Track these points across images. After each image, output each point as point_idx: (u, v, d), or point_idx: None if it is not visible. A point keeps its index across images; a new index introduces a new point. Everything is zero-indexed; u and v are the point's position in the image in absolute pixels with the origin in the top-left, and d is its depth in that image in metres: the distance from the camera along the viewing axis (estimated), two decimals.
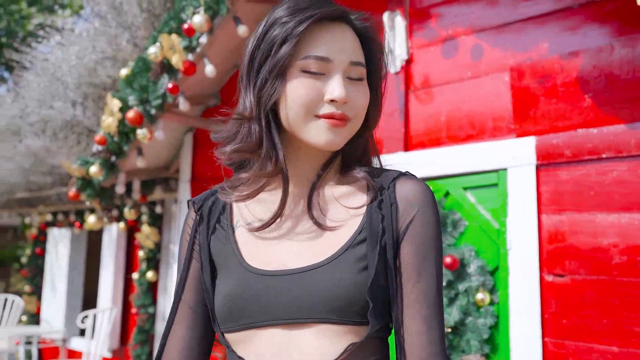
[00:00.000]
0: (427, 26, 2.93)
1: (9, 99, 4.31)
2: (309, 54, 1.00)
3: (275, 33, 1.01)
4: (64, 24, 3.68)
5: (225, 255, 1.08)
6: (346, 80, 1.03)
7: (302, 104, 1.01)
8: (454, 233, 2.66)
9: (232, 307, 1.01)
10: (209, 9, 3.07)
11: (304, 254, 1.04)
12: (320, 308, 0.98)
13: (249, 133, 1.05)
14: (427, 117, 2.87)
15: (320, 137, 1.02)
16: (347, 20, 1.05)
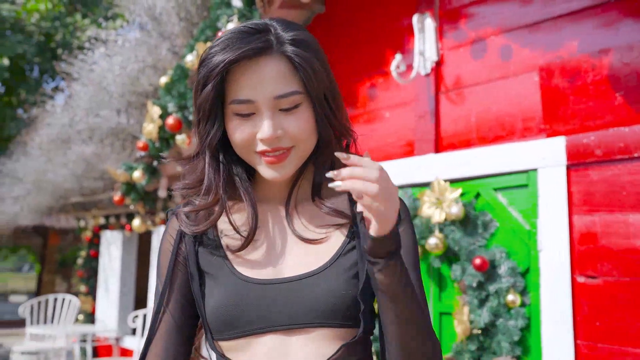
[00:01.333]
0: (457, 27, 2.92)
1: (59, 108, 4.53)
2: (233, 98, 1.05)
3: (201, 75, 1.06)
4: (107, 35, 3.85)
5: (214, 265, 1.11)
6: (279, 113, 1.06)
7: (238, 146, 1.08)
8: (485, 234, 2.65)
9: (227, 315, 1.05)
10: (242, 17, 3.15)
11: (296, 262, 1.10)
12: (316, 314, 1.03)
13: (195, 170, 1.13)
14: (457, 118, 2.87)
15: (265, 173, 1.09)
16: (272, 50, 1.05)
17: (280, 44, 1.04)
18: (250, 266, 1.10)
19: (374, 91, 3.25)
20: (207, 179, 1.11)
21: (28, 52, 7.26)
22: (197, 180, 1.12)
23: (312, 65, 1.06)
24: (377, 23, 3.28)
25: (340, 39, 3.47)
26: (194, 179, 1.13)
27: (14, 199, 6.30)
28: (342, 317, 1.03)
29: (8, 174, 6.48)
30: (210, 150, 1.10)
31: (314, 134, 1.10)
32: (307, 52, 1.06)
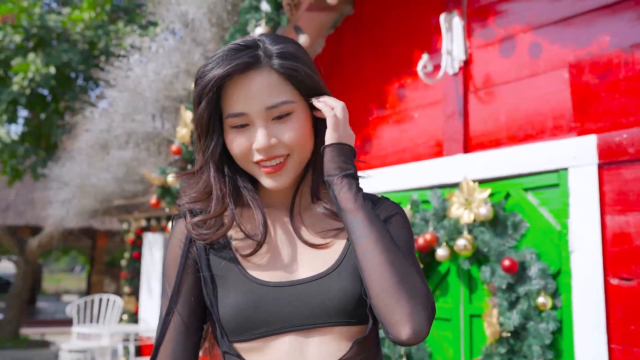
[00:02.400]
0: (485, 25, 2.88)
1: (97, 114, 4.67)
2: (228, 112, 1.11)
3: (196, 92, 1.12)
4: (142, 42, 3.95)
5: (226, 269, 1.14)
6: (272, 122, 1.11)
7: (237, 156, 1.14)
8: (515, 235, 2.60)
9: (244, 317, 1.08)
10: (270, 21, 3.18)
11: (305, 265, 1.14)
12: (331, 312, 1.08)
13: (202, 183, 1.17)
14: (486, 117, 2.82)
15: (265, 183, 1.14)
16: (260, 63, 1.10)
17: (269, 57, 1.10)
18: (261, 269, 1.13)
19: (403, 92, 3.23)
20: (215, 191, 1.16)
21: (73, 60, 7.50)
22: (204, 193, 1.17)
23: (301, 73, 1.12)
24: (406, 23, 3.26)
25: (369, 40, 3.46)
26: (200, 192, 1.17)
27: (61, 202, 6.50)
28: (353, 315, 1.08)
29: (55, 178, 6.70)
30: (214, 163, 1.15)
31: (309, 140, 1.16)
32: (295, 62, 1.11)
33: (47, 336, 12.52)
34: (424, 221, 2.86)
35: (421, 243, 2.78)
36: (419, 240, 2.79)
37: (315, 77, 1.16)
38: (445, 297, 2.88)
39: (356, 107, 3.48)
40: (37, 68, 7.09)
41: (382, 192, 3.16)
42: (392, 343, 2.91)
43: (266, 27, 3.15)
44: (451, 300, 2.84)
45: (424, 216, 2.86)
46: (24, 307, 11.99)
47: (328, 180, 1.10)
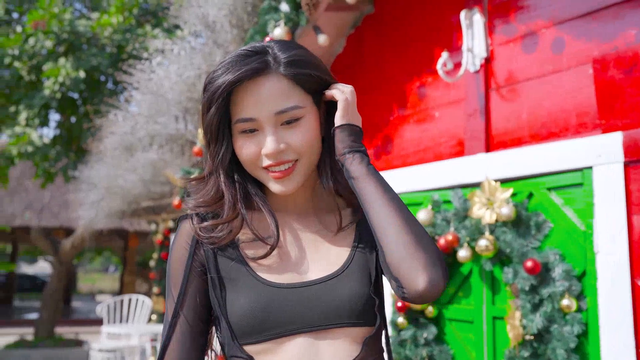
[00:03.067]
0: (507, 22, 2.82)
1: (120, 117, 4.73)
2: (237, 118, 1.12)
3: (205, 98, 1.13)
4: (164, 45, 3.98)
5: (235, 270, 1.14)
6: (281, 127, 1.12)
7: (246, 162, 1.15)
8: (538, 236, 2.54)
9: (256, 319, 1.08)
10: (289, 21, 3.17)
11: (314, 267, 1.16)
12: (342, 313, 1.10)
13: (211, 189, 1.18)
14: (508, 115, 2.76)
15: (273, 188, 1.15)
16: (269, 69, 1.11)
17: (278, 63, 1.11)
18: (271, 271, 1.14)
19: (424, 90, 3.19)
20: (227, 196, 1.17)
21: (102, 64, 7.62)
22: (214, 198, 1.18)
23: (310, 78, 1.14)
24: (426, 21, 3.21)
25: (389, 39, 3.42)
26: (211, 197, 1.18)
27: (90, 204, 6.61)
28: (363, 315, 1.11)
29: (84, 180, 6.82)
30: (224, 169, 1.17)
31: (318, 144, 1.17)
32: (305, 68, 1.13)
33: (81, 335, 12.75)
34: (445, 221, 2.81)
35: (442, 244, 2.73)
36: (440, 241, 2.75)
37: (327, 78, 1.18)
38: (467, 299, 2.83)
39: (377, 107, 3.45)
40: (67, 72, 7.22)
41: (403, 192, 3.13)
42: (413, 345, 2.87)
43: (285, 28, 3.14)
44: (474, 302, 2.79)
45: (445, 216, 2.82)
46: (58, 307, 12.23)
47: (340, 158, 1.14)
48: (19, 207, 15.22)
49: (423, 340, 2.85)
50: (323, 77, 1.17)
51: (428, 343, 2.86)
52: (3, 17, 8.97)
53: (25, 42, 7.84)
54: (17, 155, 7.26)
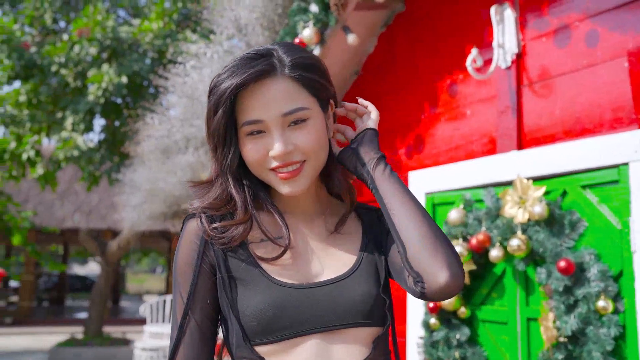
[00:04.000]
0: (539, 16, 2.75)
1: (156, 121, 4.83)
2: (244, 120, 1.12)
3: (211, 103, 1.13)
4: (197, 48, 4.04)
5: (246, 271, 1.14)
6: (288, 129, 1.13)
7: (253, 164, 1.15)
8: (573, 235, 2.47)
9: (267, 319, 1.08)
10: (318, 22, 3.17)
11: (324, 267, 1.17)
12: (354, 313, 1.11)
13: (218, 192, 1.19)
14: (540, 112, 2.70)
15: (280, 189, 1.16)
16: (275, 71, 1.12)
17: (283, 65, 1.12)
18: (282, 272, 1.14)
19: (455, 88, 3.14)
20: (238, 200, 1.18)
21: (143, 69, 7.79)
22: (222, 201, 1.18)
23: (315, 81, 1.15)
24: (457, 18, 3.16)
25: (420, 37, 3.39)
26: (218, 200, 1.18)
27: (133, 206, 6.76)
28: (373, 315, 1.13)
29: (127, 183, 6.98)
30: (232, 173, 1.17)
31: (325, 145, 1.17)
32: (309, 71, 1.14)
33: (128, 334, 13.06)
34: (477, 221, 2.76)
35: (474, 243, 2.69)
36: (472, 241, 2.70)
37: (329, 87, 1.20)
38: (501, 300, 2.77)
39: (409, 106, 3.42)
40: (110, 78, 7.41)
41: (435, 192, 3.09)
42: (446, 346, 2.83)
43: (314, 28, 3.14)
44: (507, 302, 2.73)
45: (476, 216, 2.77)
46: (106, 307, 12.56)
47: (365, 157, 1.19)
48: (68, 210, 15.72)
49: (455, 341, 2.81)
50: (326, 84, 1.18)
51: (461, 344, 2.82)
52: (50, 26, 9.27)
53: (71, 49, 8.08)
54: (63, 160, 7.49)
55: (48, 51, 7.99)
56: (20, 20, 9.14)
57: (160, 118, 4.80)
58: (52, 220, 15.20)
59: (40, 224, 14.62)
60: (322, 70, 1.18)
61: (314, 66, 1.16)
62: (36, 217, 14.18)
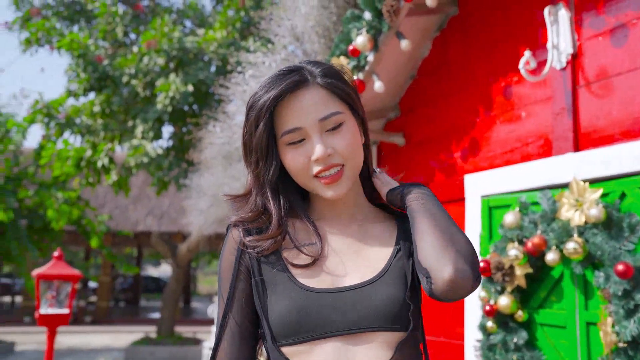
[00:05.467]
0: (595, 15, 2.70)
1: (218, 128, 4.99)
2: (283, 130, 1.19)
3: (251, 118, 1.20)
4: (255, 57, 4.17)
5: (276, 275, 1.21)
6: (326, 134, 1.19)
7: (296, 172, 1.21)
8: (632, 238, 2.41)
9: (292, 322, 1.15)
10: (372, 29, 3.22)
11: (352, 272, 1.21)
12: (375, 318, 1.14)
13: (254, 204, 1.25)
14: (597, 113, 2.65)
15: (325, 193, 1.21)
16: (307, 82, 1.20)
17: (314, 76, 1.21)
18: (310, 277, 1.20)
19: (510, 91, 3.12)
20: (273, 213, 1.24)
21: (208, 77, 8.05)
22: (256, 214, 1.25)
23: (344, 88, 1.23)
24: (511, 20, 3.14)
25: (475, 40, 3.38)
26: (255, 211, 1.25)
27: (199, 211, 7.00)
28: (397, 320, 1.15)
29: (194, 188, 7.23)
30: (270, 185, 1.24)
31: (360, 149, 1.24)
32: (337, 79, 1.23)
33: (199, 334, 13.47)
34: (532, 224, 2.74)
35: (530, 247, 2.67)
36: (528, 244, 2.68)
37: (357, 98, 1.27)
38: (559, 304, 2.73)
39: (464, 109, 3.41)
40: (177, 87, 7.70)
41: (490, 195, 3.08)
42: (503, 349, 2.82)
43: (367, 35, 3.20)
44: (566, 306, 2.70)
45: (532, 219, 2.74)
46: (177, 307, 12.99)
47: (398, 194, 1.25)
48: (141, 214, 16.37)
49: (513, 345, 2.79)
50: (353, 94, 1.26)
51: (519, 348, 2.80)
52: (122, 39, 9.71)
53: (140, 61, 8.44)
54: (134, 166, 7.85)
55: (119, 63, 8.38)
56: (94, 35, 9.63)
57: (222, 125, 4.96)
58: (126, 223, 15.87)
59: (115, 227, 15.30)
60: (350, 82, 1.26)
61: (342, 77, 1.24)
62: (111, 221, 14.84)
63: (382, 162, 4.13)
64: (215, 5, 11.23)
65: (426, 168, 3.67)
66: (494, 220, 3.07)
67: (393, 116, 4.01)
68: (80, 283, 21.58)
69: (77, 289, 18.63)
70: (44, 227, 11.55)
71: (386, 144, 4.07)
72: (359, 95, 1.29)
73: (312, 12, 3.70)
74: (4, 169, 10.92)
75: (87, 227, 11.51)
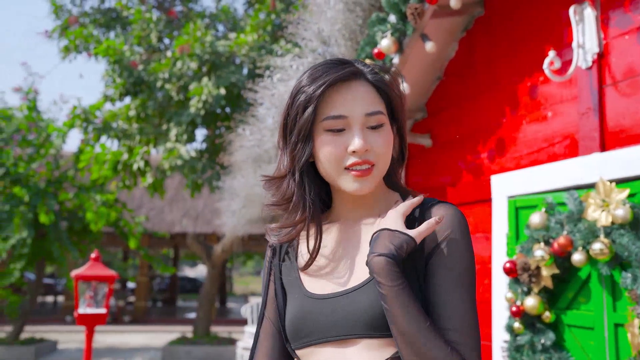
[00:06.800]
0: (621, 13, 2.68)
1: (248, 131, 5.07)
2: (327, 115, 1.17)
3: (299, 100, 1.19)
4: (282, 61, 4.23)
5: (291, 283, 1.27)
6: (366, 130, 1.18)
7: (330, 160, 1.18)
8: None
9: (295, 327, 1.20)
10: (396, 31, 3.25)
11: (347, 278, 1.21)
12: (361, 325, 1.14)
13: (285, 189, 1.23)
14: (624, 112, 2.62)
15: (350, 186, 1.19)
16: (361, 75, 1.19)
17: (365, 72, 1.21)
18: (316, 282, 1.24)
19: (536, 91, 3.11)
20: (296, 197, 1.22)
21: (239, 80, 8.16)
22: (285, 199, 1.23)
23: (392, 91, 1.23)
24: (537, 19, 3.13)
25: (500, 40, 3.37)
26: (281, 198, 1.23)
27: (232, 212, 7.11)
28: (384, 327, 1.12)
29: (227, 190, 7.34)
30: (300, 170, 1.21)
31: (390, 154, 1.23)
32: (386, 83, 1.23)
33: (234, 334, 13.63)
34: (559, 224, 2.73)
35: (556, 247, 2.66)
36: (554, 245, 2.67)
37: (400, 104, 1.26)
38: (587, 305, 2.72)
39: (490, 110, 3.41)
40: (209, 90, 7.83)
41: (517, 195, 3.07)
42: (530, 350, 2.81)
43: (392, 38, 3.22)
44: (594, 307, 2.67)
45: (558, 219, 2.73)
46: (213, 307, 13.17)
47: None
48: (177, 215, 16.65)
49: (540, 346, 2.78)
50: (400, 102, 1.25)
51: (546, 349, 2.79)
52: (156, 44, 9.92)
53: (174, 65, 8.61)
54: (168, 169, 8.01)
55: (153, 68, 8.56)
56: (129, 41, 9.86)
57: (252, 129, 5.04)
58: (162, 225, 16.17)
59: (152, 228, 15.60)
60: (397, 88, 1.26)
61: (390, 81, 1.24)
62: (148, 223, 15.14)
63: (410, 164, 4.15)
64: (247, 8, 11.37)
65: (453, 169, 3.68)
66: (520, 221, 3.06)
67: (420, 117, 4.02)
68: (119, 283, 22.08)
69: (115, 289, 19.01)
70: (83, 229, 11.86)
71: (413, 145, 4.09)
72: (404, 102, 1.27)
73: (338, 15, 3.74)
74: (46, 173, 11.26)
75: (124, 228, 11.78)
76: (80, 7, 11.35)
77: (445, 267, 1.13)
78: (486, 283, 3.30)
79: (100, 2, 11.31)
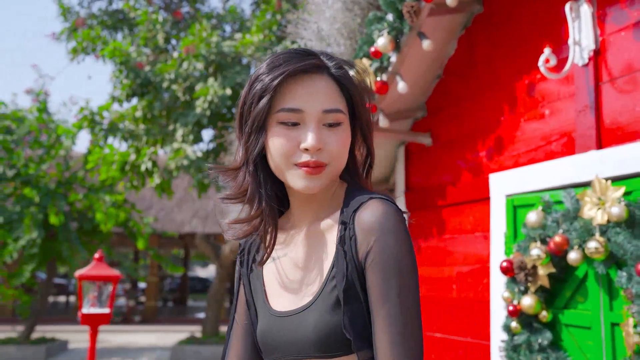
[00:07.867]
0: (617, 9, 2.65)
1: None
2: (282, 107, 1.10)
3: (256, 89, 1.12)
4: None
5: (257, 294, 1.24)
6: (322, 127, 1.11)
7: (279, 154, 1.11)
8: None
9: (262, 342, 1.19)
10: (393, 30, 3.24)
11: (303, 292, 1.16)
12: (309, 346, 1.09)
13: (241, 181, 1.17)
14: (620, 109, 2.60)
15: (298, 183, 1.11)
16: (324, 69, 1.13)
17: (329, 67, 1.14)
18: (277, 296, 1.21)
19: (534, 89, 3.08)
20: (250, 190, 1.15)
21: (245, 81, 8.17)
22: (240, 192, 1.17)
23: (356, 90, 1.17)
24: (536, 17, 3.11)
25: (499, 38, 3.35)
26: (237, 190, 1.17)
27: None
28: (335, 347, 1.08)
29: None
30: (254, 162, 1.15)
31: (345, 156, 1.16)
32: (350, 81, 1.16)
33: None
34: (555, 223, 2.71)
35: (552, 246, 2.64)
36: (550, 244, 2.65)
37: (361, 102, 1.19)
38: (584, 304, 2.69)
39: (489, 108, 3.39)
40: (215, 91, 7.84)
41: (515, 194, 3.05)
42: (528, 350, 2.79)
43: (388, 37, 3.21)
44: (591, 306, 2.65)
45: (555, 218, 2.71)
46: (222, 307, 13.19)
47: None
48: (186, 216, 16.71)
49: (537, 345, 2.76)
50: (361, 102, 1.18)
51: (543, 349, 2.77)
52: (163, 45, 9.95)
53: (180, 66, 8.63)
54: (175, 169, 8.03)
55: (160, 69, 8.59)
56: (135, 42, 9.90)
57: None
58: (172, 225, 16.24)
59: (161, 229, 15.67)
60: (363, 86, 1.20)
61: (355, 80, 1.18)
62: (157, 223, 15.20)
63: (410, 163, 4.13)
64: (255, 9, 11.38)
65: (453, 168, 3.66)
66: (518, 220, 3.04)
67: (420, 116, 4.00)
68: (129, 283, 22.20)
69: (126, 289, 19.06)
70: (93, 229, 11.94)
71: (414, 144, 4.07)
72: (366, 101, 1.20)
73: (337, 14, 3.74)
74: (56, 174, 11.34)
75: (133, 228, 11.83)
76: (88, 9, 11.42)
77: (374, 284, 1.07)
78: (485, 282, 3.28)
79: (108, 4, 11.37)
